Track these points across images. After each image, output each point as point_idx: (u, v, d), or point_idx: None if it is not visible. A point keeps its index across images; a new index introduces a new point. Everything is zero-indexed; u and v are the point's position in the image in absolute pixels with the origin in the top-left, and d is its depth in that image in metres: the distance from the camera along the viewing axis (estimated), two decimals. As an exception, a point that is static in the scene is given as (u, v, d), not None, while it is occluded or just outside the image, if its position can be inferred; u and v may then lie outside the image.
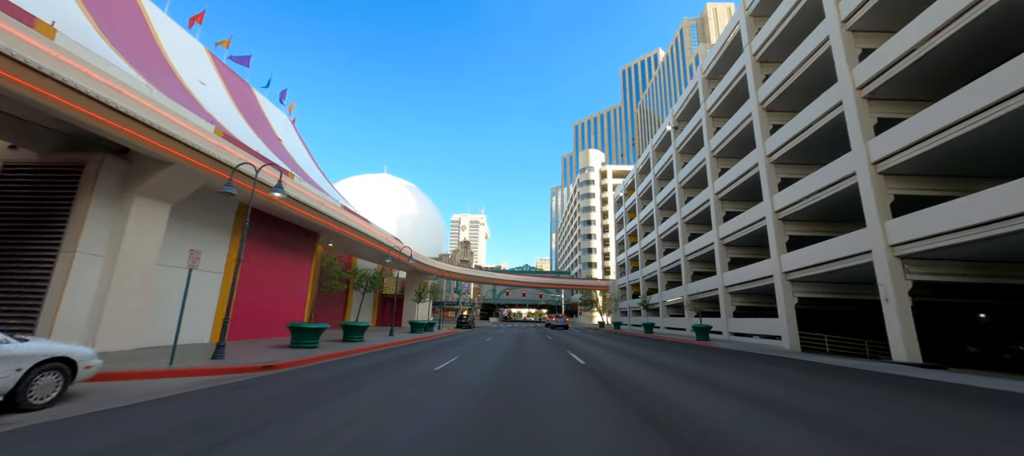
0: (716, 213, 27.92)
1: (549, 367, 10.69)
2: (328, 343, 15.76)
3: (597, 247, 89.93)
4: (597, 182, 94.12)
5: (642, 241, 44.47)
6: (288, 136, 42.11)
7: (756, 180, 24.05)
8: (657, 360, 13.12)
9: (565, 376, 9.19)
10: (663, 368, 10.96)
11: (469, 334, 29.72)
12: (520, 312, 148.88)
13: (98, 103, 9.36)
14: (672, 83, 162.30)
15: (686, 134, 34.18)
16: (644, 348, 18.34)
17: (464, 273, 49.74)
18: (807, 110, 19.23)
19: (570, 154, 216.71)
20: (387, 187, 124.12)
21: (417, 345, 17.93)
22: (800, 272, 19.43)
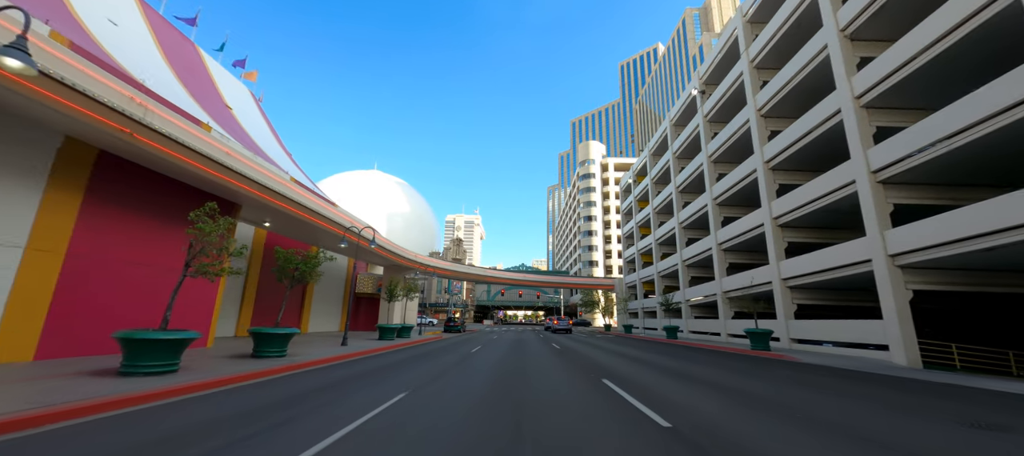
0: (768, 186, 22.05)
1: (593, 443, 4.80)
2: (219, 361, 9.74)
3: (598, 244, 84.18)
4: (598, 175, 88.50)
5: (657, 231, 38.64)
6: (245, 108, 35.99)
7: (835, 137, 18.38)
8: (777, 399, 7.22)
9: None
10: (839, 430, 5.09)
11: (454, 342, 23.76)
12: (516, 314, 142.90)
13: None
14: (672, 77, 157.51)
15: (719, 97, 28.43)
16: (712, 367, 12.38)
17: (453, 270, 43.72)
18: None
19: (567, 152, 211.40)
20: (377, 184, 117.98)
21: (359, 363, 12.00)
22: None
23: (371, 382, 8.37)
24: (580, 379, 9.18)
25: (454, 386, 8.01)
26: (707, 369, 11.38)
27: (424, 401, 6.49)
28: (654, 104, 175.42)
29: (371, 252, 30.34)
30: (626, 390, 7.66)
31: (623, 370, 10.96)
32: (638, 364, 12.51)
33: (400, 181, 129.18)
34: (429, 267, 37.84)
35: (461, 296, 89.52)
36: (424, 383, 8.30)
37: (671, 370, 11.09)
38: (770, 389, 8.07)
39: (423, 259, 36.70)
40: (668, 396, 7.14)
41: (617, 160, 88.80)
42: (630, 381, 8.90)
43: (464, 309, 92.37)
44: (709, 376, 9.99)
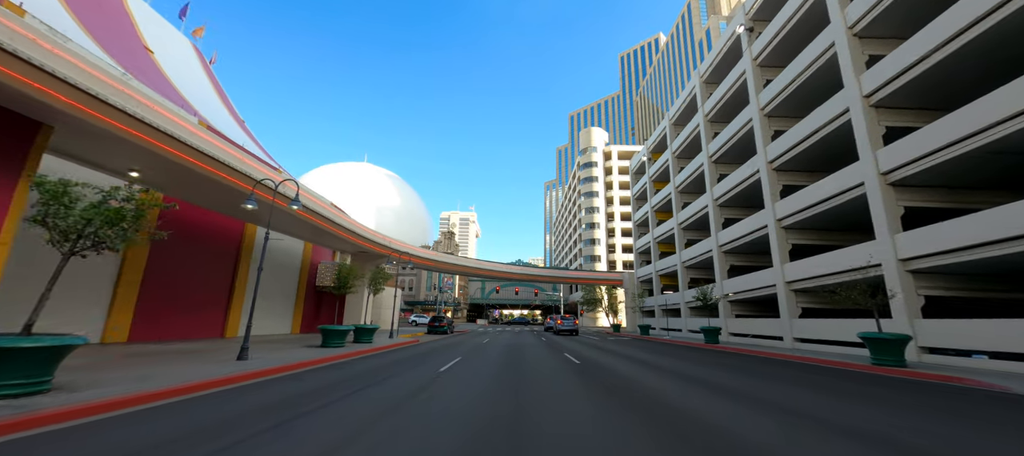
0: (871, 126, 15.78)
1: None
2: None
3: (601, 238, 78.07)
4: (600, 164, 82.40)
5: (681, 214, 32.45)
6: (180, 60, 29.44)
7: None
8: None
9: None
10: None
11: (428, 350, 17.63)
12: (512, 313, 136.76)
13: None
14: (675, 68, 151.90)
15: (770, 38, 22.30)
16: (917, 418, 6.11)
17: (440, 261, 37.33)
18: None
19: (566, 146, 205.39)
20: (366, 176, 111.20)
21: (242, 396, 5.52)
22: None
23: None
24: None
25: None
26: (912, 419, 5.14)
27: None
28: (655, 96, 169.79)
29: (335, 236, 24.02)
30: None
31: (764, 434, 4.66)
32: (755, 406, 6.22)
33: (391, 174, 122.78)
34: (408, 255, 31.58)
35: (453, 293, 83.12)
36: None
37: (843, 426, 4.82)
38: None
39: (397, 244, 30.32)
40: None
41: (620, 148, 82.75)
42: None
43: (456, 307, 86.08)
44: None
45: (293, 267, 26.27)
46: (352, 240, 25.56)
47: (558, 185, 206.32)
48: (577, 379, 9.16)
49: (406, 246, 31.89)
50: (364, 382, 8.28)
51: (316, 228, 21.81)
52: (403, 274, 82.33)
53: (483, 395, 6.92)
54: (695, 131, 29.64)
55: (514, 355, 14.91)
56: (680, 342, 23.82)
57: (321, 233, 23.48)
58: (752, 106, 23.33)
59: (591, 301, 65.84)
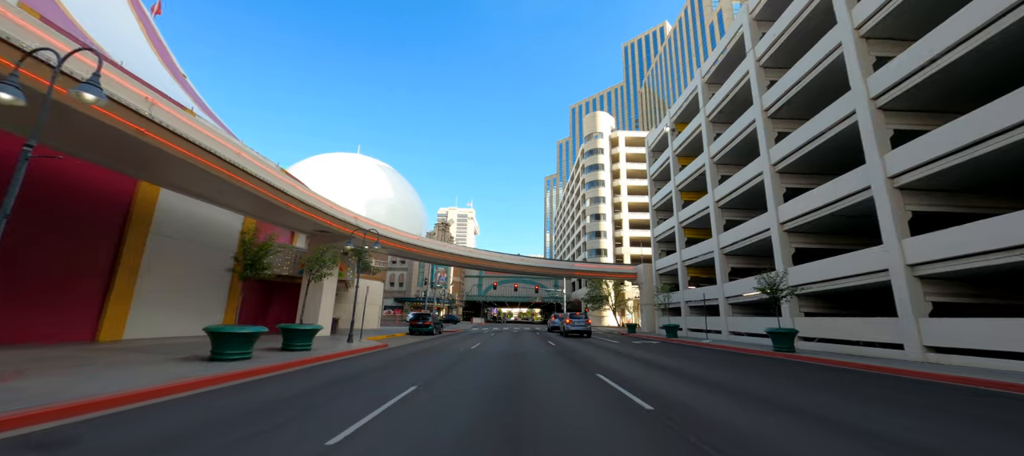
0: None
1: None
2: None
3: (607, 230, 72.17)
4: (606, 151, 76.43)
5: (719, 190, 26.47)
6: None
7: None
8: None
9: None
10: None
11: (395, 358, 12.22)
12: (511, 312, 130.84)
13: None
14: (681, 57, 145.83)
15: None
16: None
17: (427, 247, 31.27)
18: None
19: (567, 139, 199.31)
20: (358, 167, 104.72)
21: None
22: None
23: None
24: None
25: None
26: None
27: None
28: (660, 87, 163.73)
29: (279, 207, 18.06)
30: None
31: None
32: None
33: (383, 165, 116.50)
34: (386, 240, 25.51)
35: (446, 289, 77.19)
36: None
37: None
38: None
39: (367, 222, 24.16)
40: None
41: (628, 133, 76.74)
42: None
43: (450, 305, 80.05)
44: None
45: (225, 248, 20.23)
46: (304, 214, 19.53)
47: (559, 180, 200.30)
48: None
49: (385, 228, 25.87)
50: None
51: (252, 196, 15.84)
52: (393, 268, 76.36)
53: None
54: (742, 83, 23.62)
55: (512, 378, 8.95)
56: (736, 348, 17.91)
57: (266, 205, 17.54)
58: (844, 26, 17.15)
59: (596, 298, 59.87)
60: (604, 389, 7.75)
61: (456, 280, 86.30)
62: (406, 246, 28.71)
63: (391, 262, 76.79)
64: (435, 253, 32.34)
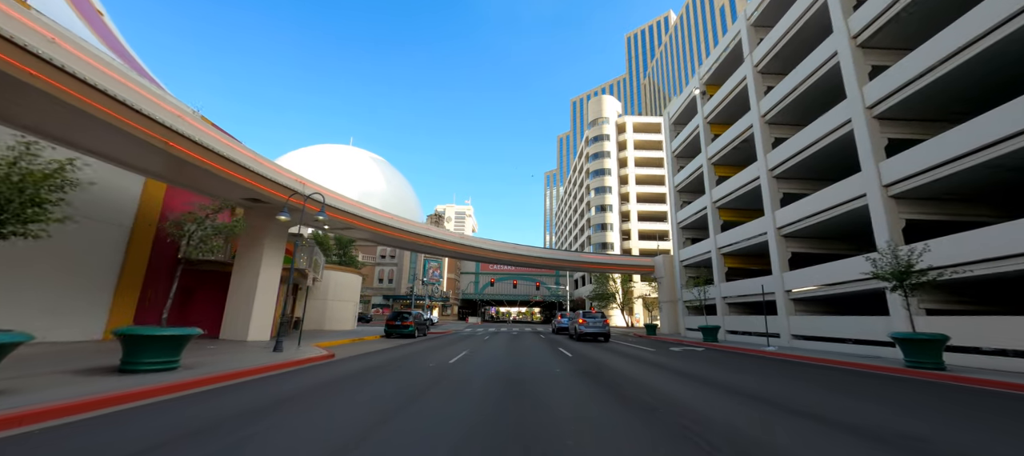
0: None
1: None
2: None
3: (614, 222, 66.67)
4: (613, 138, 70.97)
5: (774, 155, 20.93)
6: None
7: None
8: None
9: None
10: None
11: (329, 377, 5.78)
12: (510, 311, 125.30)
13: None
14: (686, 47, 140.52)
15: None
16: None
17: (407, 231, 25.58)
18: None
19: (567, 133, 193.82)
20: (350, 159, 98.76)
21: None
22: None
23: None
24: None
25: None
26: None
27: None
28: (664, 79, 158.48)
29: (202, 170, 12.57)
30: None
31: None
32: None
33: (377, 157, 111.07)
34: (347, 216, 19.72)
35: (440, 287, 71.59)
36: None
37: None
38: None
39: (313, 188, 18.08)
40: None
41: (637, 119, 71.29)
42: None
43: (445, 304, 74.43)
44: None
45: (115, 222, 14.57)
46: (226, 173, 13.90)
47: (560, 176, 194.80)
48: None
49: (349, 202, 20.12)
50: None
51: (150, 147, 10.36)
52: (382, 263, 70.71)
53: None
54: (814, 8, 18.09)
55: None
56: (826, 360, 12.36)
57: (174, 163, 12.05)
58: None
59: (602, 296, 54.26)
60: None
61: (451, 277, 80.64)
62: (381, 228, 23.06)
63: (380, 257, 71.14)
64: (419, 239, 26.71)
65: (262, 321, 16.69)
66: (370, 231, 22.95)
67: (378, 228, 22.65)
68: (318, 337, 20.16)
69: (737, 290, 23.47)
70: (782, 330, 18.96)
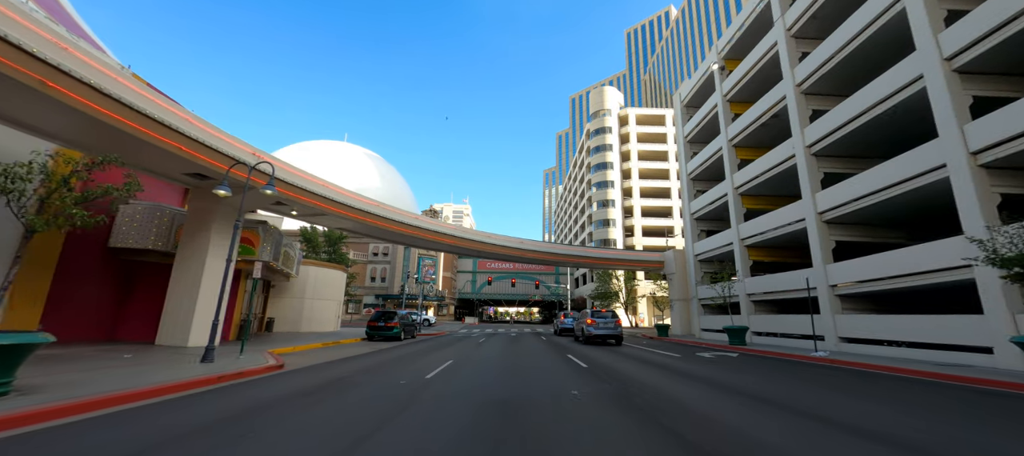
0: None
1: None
2: None
3: (616, 218, 63.94)
4: (615, 130, 68.26)
5: (813, 129, 18.18)
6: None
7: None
8: None
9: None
10: None
11: (250, 403, 2.76)
12: (508, 311, 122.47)
13: None
14: (687, 43, 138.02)
15: None
16: None
17: (391, 219, 22.68)
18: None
19: (566, 131, 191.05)
20: (344, 155, 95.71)
21: None
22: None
23: None
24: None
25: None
26: None
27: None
28: (664, 75, 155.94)
29: (133, 137, 9.82)
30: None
31: None
32: None
33: (371, 153, 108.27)
34: (308, 197, 16.72)
35: (435, 285, 68.70)
36: None
37: None
38: None
39: (265, 160, 14.85)
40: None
41: (640, 111, 68.62)
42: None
43: (440, 303, 71.54)
44: None
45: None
46: (162, 142, 11.04)
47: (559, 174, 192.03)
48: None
49: (310, 180, 17.21)
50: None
51: (64, 107, 7.56)
52: (374, 262, 67.75)
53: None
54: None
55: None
56: (899, 370, 9.55)
57: (99, 129, 9.28)
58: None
59: (605, 295, 51.51)
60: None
61: (447, 276, 77.74)
62: (361, 215, 20.15)
63: (372, 254, 68.19)
64: (408, 229, 23.84)
65: (207, 322, 13.79)
66: (350, 219, 20.07)
67: (356, 215, 19.76)
68: (290, 341, 17.33)
69: (766, 286, 20.70)
70: (827, 332, 16.16)
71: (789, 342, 18.49)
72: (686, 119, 31.69)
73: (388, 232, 23.68)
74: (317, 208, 17.37)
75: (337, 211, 18.45)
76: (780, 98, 19.89)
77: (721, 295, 20.93)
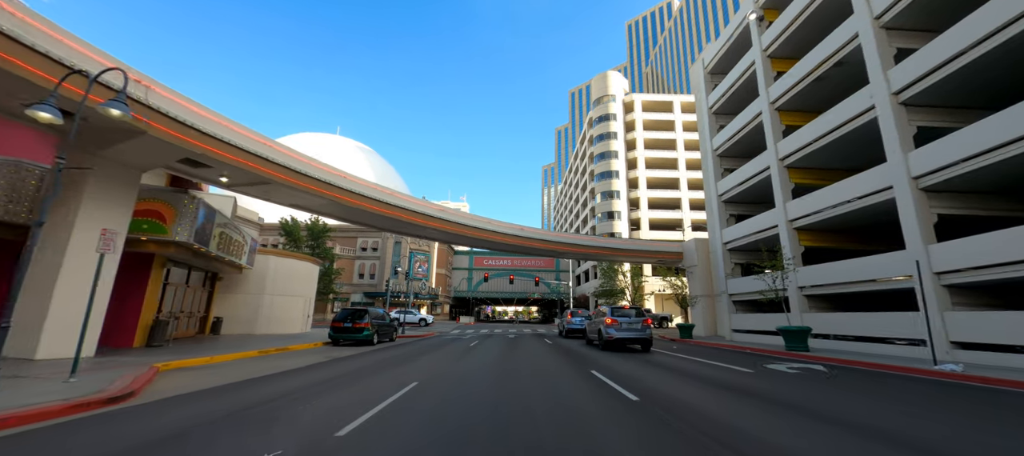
0: None
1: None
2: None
3: (622, 210, 59.80)
4: (620, 117, 64.12)
5: (892, 74, 13.91)
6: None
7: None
8: None
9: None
10: None
11: None
12: (506, 310, 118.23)
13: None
14: (692, 33, 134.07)
15: None
16: None
17: (361, 193, 18.44)
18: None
19: (566, 126, 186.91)
20: (335, 148, 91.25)
21: None
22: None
23: None
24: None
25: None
26: None
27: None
28: (666, 69, 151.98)
29: None
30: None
31: None
32: None
33: (363, 146, 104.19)
34: (227, 151, 12.53)
35: (427, 282, 64.38)
36: None
37: None
38: None
39: (108, 62, 10.34)
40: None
41: (646, 97, 64.50)
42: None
43: (433, 302, 67.22)
44: None
45: None
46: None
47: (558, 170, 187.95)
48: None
49: (209, 117, 12.85)
50: None
51: None
52: (363, 257, 63.36)
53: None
54: None
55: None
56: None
57: None
58: None
59: (610, 292, 47.37)
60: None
61: (442, 272, 73.43)
62: (318, 186, 15.85)
63: (360, 249, 63.82)
64: (382, 208, 19.58)
65: (70, 325, 9.48)
66: (308, 193, 15.76)
67: (314, 186, 15.47)
68: (226, 347, 13.09)
69: (829, 276, 16.51)
70: (938, 335, 11.98)
71: (864, 347, 14.36)
72: (710, 88, 27.50)
73: (362, 212, 19.40)
74: (256, 173, 13.06)
75: (286, 179, 14.15)
76: (849, 38, 15.71)
77: (771, 288, 16.71)
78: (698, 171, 59.07)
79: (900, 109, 13.88)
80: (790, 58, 20.68)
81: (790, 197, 19.26)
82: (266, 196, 16.85)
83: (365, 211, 18.77)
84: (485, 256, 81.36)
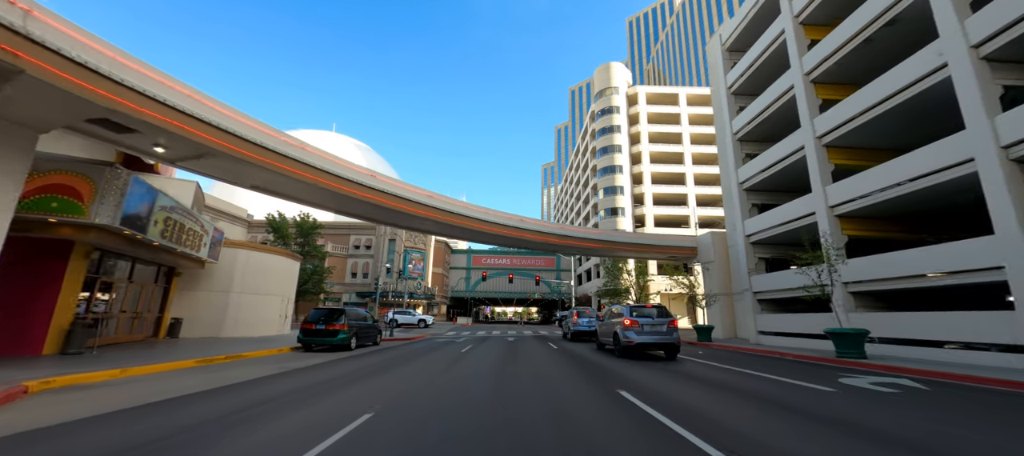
0: None
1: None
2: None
3: (626, 206, 57.37)
4: (623, 110, 61.71)
5: (970, 25, 11.42)
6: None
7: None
8: None
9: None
10: None
11: None
12: (505, 311, 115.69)
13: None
14: (694, 29, 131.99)
15: None
16: None
17: (341, 175, 15.97)
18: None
19: (566, 124, 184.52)
20: (334, 146, 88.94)
21: None
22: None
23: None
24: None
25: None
26: None
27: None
28: (668, 66, 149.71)
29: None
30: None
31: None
32: None
33: (360, 144, 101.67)
34: (195, 126, 10.21)
35: (423, 281, 61.86)
36: None
37: None
38: None
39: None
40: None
41: (651, 89, 62.11)
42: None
43: (430, 302, 64.64)
44: None
45: None
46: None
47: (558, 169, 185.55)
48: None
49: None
50: None
51: None
52: (355, 255, 60.82)
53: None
54: None
55: None
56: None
57: None
58: None
59: (614, 292, 44.85)
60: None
61: (438, 271, 70.94)
62: (272, 159, 13.39)
63: (353, 248, 61.26)
64: (361, 192, 17.10)
65: None
66: (264, 168, 13.24)
67: (266, 158, 12.97)
68: (170, 354, 10.64)
69: (884, 270, 14.08)
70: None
71: (922, 354, 11.95)
72: (730, 66, 25.09)
73: (337, 195, 16.89)
74: (193, 138, 10.56)
75: (232, 148, 11.64)
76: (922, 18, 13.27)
77: (816, 283, 14.26)
78: (706, 166, 56.72)
79: (982, 65, 11.46)
80: (825, 25, 18.28)
81: (830, 180, 16.84)
82: (235, 179, 14.37)
83: (336, 192, 16.27)
84: (483, 255, 78.94)
